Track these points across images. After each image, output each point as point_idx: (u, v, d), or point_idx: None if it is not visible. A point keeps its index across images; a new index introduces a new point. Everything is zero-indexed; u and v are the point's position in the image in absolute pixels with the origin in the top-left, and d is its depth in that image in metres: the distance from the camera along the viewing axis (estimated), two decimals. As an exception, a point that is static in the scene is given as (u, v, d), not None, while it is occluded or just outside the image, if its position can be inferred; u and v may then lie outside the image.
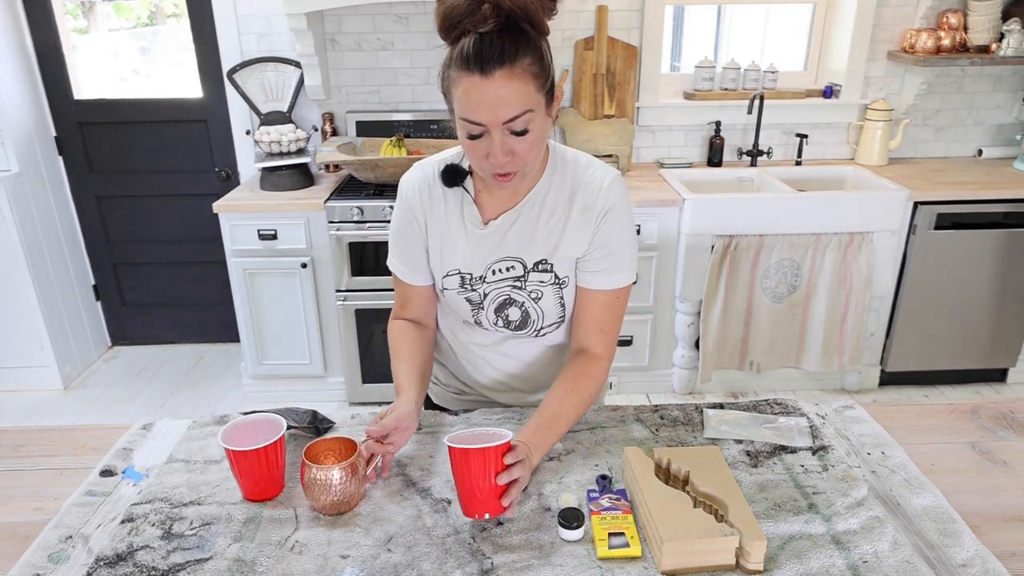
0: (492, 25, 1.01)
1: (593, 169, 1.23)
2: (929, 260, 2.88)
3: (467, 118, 1.06)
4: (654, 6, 3.02)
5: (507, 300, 1.26)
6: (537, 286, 1.24)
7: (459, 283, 1.26)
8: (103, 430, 1.32)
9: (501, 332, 1.30)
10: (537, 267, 1.23)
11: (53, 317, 3.17)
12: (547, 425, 1.15)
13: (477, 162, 1.12)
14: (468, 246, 1.24)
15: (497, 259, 1.24)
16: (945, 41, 2.96)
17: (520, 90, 1.03)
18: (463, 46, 1.03)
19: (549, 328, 1.29)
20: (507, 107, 1.03)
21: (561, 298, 1.26)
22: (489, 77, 1.02)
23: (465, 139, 1.09)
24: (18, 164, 2.98)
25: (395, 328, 1.34)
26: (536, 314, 1.26)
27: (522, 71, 1.03)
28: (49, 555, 1.01)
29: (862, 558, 0.97)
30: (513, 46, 1.02)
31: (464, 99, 1.05)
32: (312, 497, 1.05)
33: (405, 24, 3.04)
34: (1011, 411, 1.35)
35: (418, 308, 1.34)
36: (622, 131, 3.10)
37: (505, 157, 1.07)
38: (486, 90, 1.02)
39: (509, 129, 1.06)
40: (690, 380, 3.04)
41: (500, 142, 1.06)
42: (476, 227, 1.23)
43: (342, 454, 1.12)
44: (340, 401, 3.08)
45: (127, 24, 3.54)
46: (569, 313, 1.29)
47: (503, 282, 1.25)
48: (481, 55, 1.01)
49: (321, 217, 2.75)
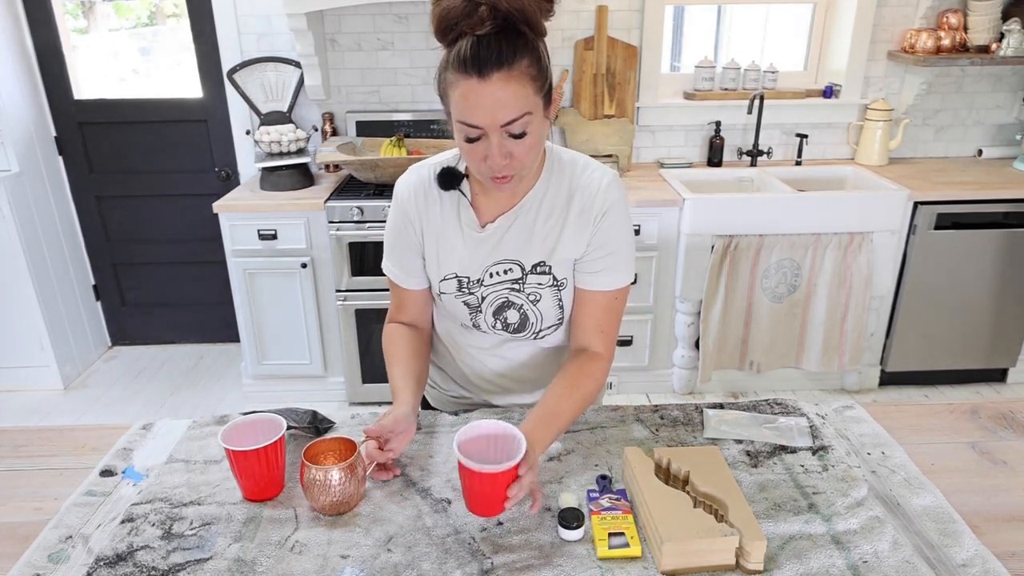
0: (489, 27, 1.00)
1: (591, 170, 1.22)
2: (929, 260, 2.88)
3: (464, 121, 1.05)
4: (654, 6, 3.02)
5: (505, 303, 1.25)
6: (535, 288, 1.24)
7: (456, 287, 1.26)
8: (103, 430, 1.32)
9: (500, 335, 1.30)
10: (535, 269, 1.23)
11: (53, 317, 3.17)
12: (547, 421, 1.14)
13: (475, 165, 1.11)
14: (465, 249, 1.24)
15: (495, 262, 1.23)
16: (945, 41, 2.96)
17: (518, 93, 1.03)
18: (460, 48, 1.02)
19: (548, 330, 1.29)
20: (505, 110, 1.03)
21: (560, 300, 1.25)
22: (487, 80, 1.01)
23: (462, 142, 1.08)
24: (18, 164, 2.98)
25: (390, 332, 1.33)
26: (535, 316, 1.26)
27: (520, 73, 1.02)
28: (49, 555, 1.01)
29: (862, 558, 0.97)
30: (511, 48, 1.01)
31: (462, 102, 1.04)
32: (311, 497, 1.05)
33: (405, 24, 3.04)
34: (1011, 411, 1.35)
35: (414, 312, 1.34)
36: (622, 131, 3.10)
37: (503, 160, 1.07)
38: (484, 93, 1.02)
39: (507, 132, 1.05)
40: (690, 380, 3.04)
41: (498, 145, 1.05)
42: (473, 230, 1.23)
43: (342, 454, 1.12)
44: (340, 401, 3.08)
45: (127, 24, 3.54)
46: (568, 315, 1.28)
47: (501, 285, 1.24)
48: (479, 58, 1.00)
49: (321, 217, 2.75)
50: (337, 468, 1.04)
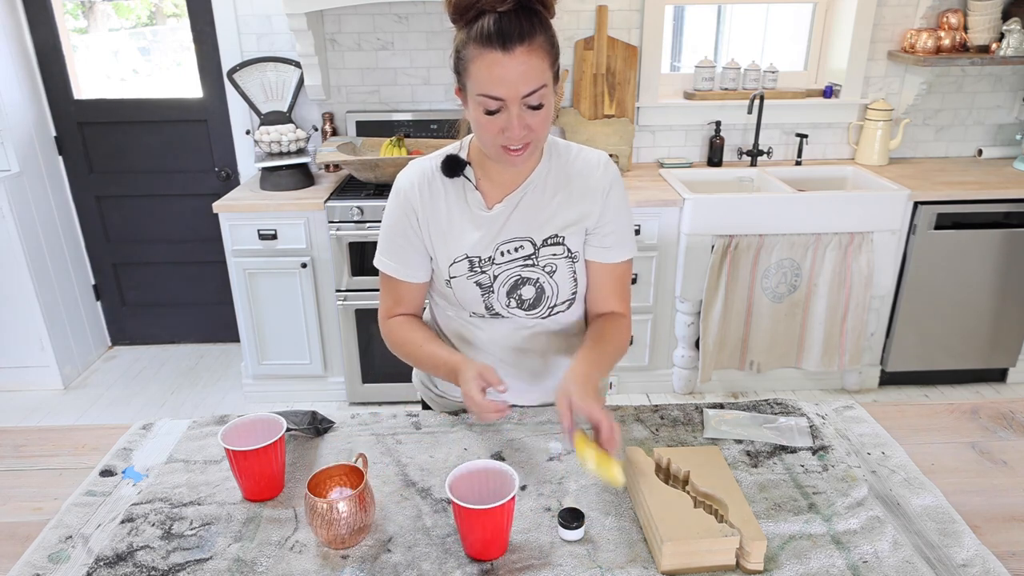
0: (511, 4, 1.07)
1: (585, 152, 1.32)
2: (929, 260, 2.88)
3: (487, 93, 1.10)
4: (654, 6, 3.02)
5: (519, 280, 1.28)
6: (550, 259, 1.28)
7: (468, 267, 1.28)
8: (103, 430, 1.32)
9: (513, 314, 1.31)
10: (547, 242, 1.28)
11: (53, 317, 3.17)
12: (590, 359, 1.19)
13: (491, 138, 1.15)
14: (475, 230, 1.27)
15: (505, 239, 1.27)
16: (945, 41, 2.96)
17: (537, 66, 1.10)
18: (483, 24, 1.08)
19: (562, 306, 1.32)
20: (526, 82, 1.09)
21: (574, 272, 1.30)
22: (510, 53, 1.07)
23: (481, 115, 1.13)
24: (18, 164, 2.98)
25: (397, 324, 1.34)
26: (551, 289, 1.29)
27: (538, 47, 1.09)
28: (49, 555, 1.01)
29: (862, 558, 0.97)
30: (530, 24, 1.08)
31: (485, 74, 1.09)
32: (316, 530, 0.99)
33: (405, 24, 3.04)
34: (1011, 411, 1.35)
35: (411, 306, 1.36)
36: (622, 131, 3.10)
37: (522, 131, 1.13)
38: (508, 66, 1.08)
39: (526, 104, 1.11)
40: (690, 380, 3.04)
41: (518, 116, 1.11)
42: (481, 210, 1.27)
43: (345, 481, 1.06)
44: (340, 401, 3.08)
45: (127, 24, 3.54)
46: (581, 291, 1.33)
47: (513, 263, 1.27)
48: (503, 32, 1.07)
49: (321, 217, 2.75)
50: (344, 501, 0.97)
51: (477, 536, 0.96)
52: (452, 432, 1.27)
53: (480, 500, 0.96)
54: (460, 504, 0.93)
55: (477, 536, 0.96)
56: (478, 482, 1.00)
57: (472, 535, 0.96)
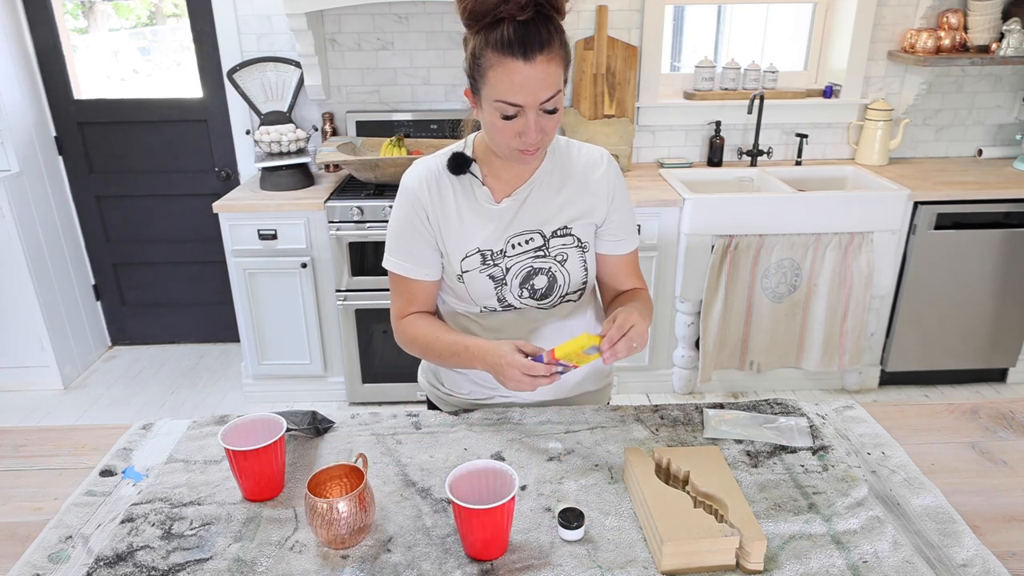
0: (531, 12, 1.08)
1: (586, 148, 1.35)
2: (929, 260, 2.88)
3: (506, 100, 1.12)
4: (654, 6, 3.02)
5: (531, 271, 1.30)
6: (561, 249, 1.30)
7: (480, 261, 1.29)
8: (103, 430, 1.32)
9: (525, 304, 1.32)
10: (556, 233, 1.30)
11: (53, 317, 3.17)
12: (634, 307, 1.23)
13: (506, 141, 1.17)
14: (485, 224, 1.28)
15: (516, 232, 1.29)
16: (945, 41, 2.96)
17: (555, 73, 1.12)
18: (503, 32, 1.09)
19: (573, 295, 1.34)
20: (545, 89, 1.12)
21: (584, 262, 1.32)
22: (531, 62, 1.09)
23: (498, 120, 1.15)
24: (18, 164, 2.98)
25: (413, 321, 1.34)
26: (563, 277, 1.31)
27: (555, 54, 1.12)
28: (49, 555, 1.00)
29: (862, 558, 0.97)
30: (547, 31, 1.10)
31: (506, 82, 1.10)
32: (316, 530, 0.99)
33: (405, 24, 3.04)
34: (1011, 411, 1.35)
35: (425, 304, 1.36)
36: (622, 131, 3.10)
37: (538, 135, 1.15)
38: (529, 74, 1.10)
39: (543, 108, 1.13)
40: (690, 380, 3.04)
41: (535, 121, 1.14)
42: (490, 204, 1.29)
43: (345, 482, 1.06)
44: (340, 401, 3.08)
45: (127, 24, 3.54)
46: (591, 281, 1.36)
47: (524, 256, 1.29)
48: (524, 41, 1.08)
49: (321, 217, 2.75)
50: (344, 500, 0.97)
51: (477, 536, 0.96)
52: (452, 432, 1.28)
53: (480, 500, 0.96)
54: (460, 504, 0.93)
55: (477, 536, 0.96)
56: (478, 482, 1.00)
57: (472, 535, 0.96)
